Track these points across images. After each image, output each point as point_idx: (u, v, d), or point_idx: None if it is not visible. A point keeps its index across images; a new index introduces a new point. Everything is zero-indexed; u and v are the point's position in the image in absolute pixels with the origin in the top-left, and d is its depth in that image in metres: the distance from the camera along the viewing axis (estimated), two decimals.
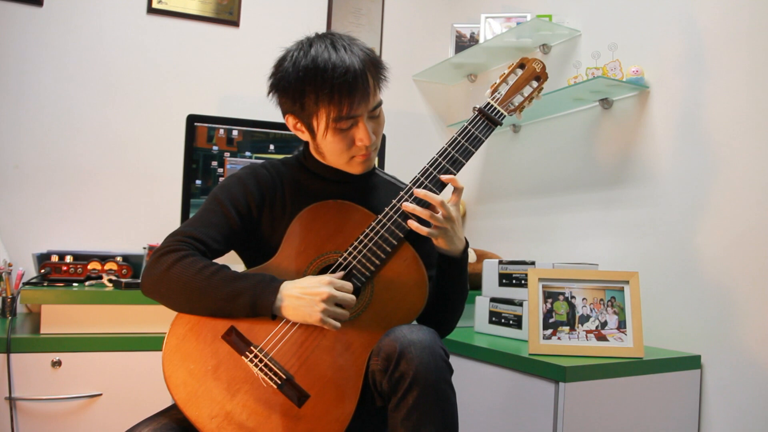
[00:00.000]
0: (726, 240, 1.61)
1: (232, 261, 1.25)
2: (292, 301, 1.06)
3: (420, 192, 1.13)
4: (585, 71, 1.89)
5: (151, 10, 2.32)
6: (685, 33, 1.75)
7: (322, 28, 2.57)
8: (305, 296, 1.06)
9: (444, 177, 1.16)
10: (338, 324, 1.07)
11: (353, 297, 1.09)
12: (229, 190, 1.21)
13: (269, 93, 1.20)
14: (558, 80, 2.10)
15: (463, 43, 2.49)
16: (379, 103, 1.18)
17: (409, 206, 1.13)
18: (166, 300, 1.11)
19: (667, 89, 1.79)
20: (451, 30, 2.53)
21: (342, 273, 1.13)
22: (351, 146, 1.17)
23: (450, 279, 1.23)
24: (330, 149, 1.18)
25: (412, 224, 1.13)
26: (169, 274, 1.08)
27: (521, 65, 1.26)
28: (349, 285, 1.10)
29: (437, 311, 1.25)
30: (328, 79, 1.10)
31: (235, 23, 2.44)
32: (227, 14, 2.43)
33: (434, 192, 1.15)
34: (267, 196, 1.23)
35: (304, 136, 1.21)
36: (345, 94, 1.10)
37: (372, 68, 1.14)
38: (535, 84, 1.25)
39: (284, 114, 1.20)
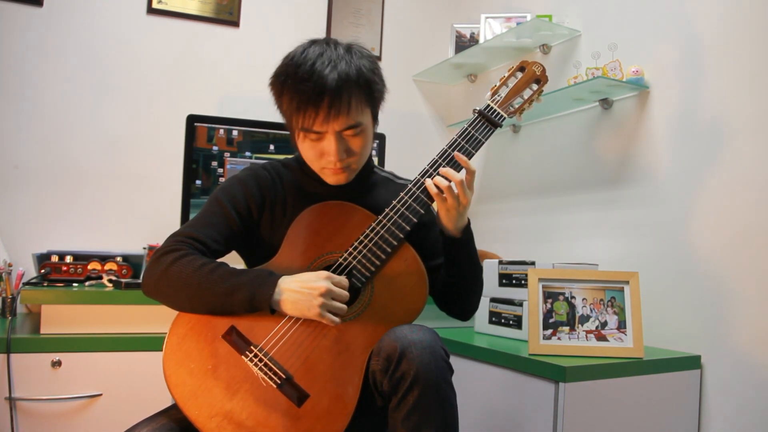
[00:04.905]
0: (726, 240, 1.61)
1: (234, 261, 1.25)
2: (291, 294, 1.07)
3: (443, 170, 1.16)
4: (585, 71, 1.89)
5: (151, 10, 2.31)
6: (685, 33, 1.75)
7: (322, 28, 2.57)
8: (303, 290, 1.07)
9: (459, 156, 1.17)
10: (337, 319, 1.07)
11: (347, 294, 1.09)
12: (230, 192, 1.22)
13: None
14: (558, 80, 2.10)
15: (463, 43, 2.49)
16: (356, 125, 1.14)
17: (443, 170, 1.16)
18: (167, 299, 1.12)
19: (667, 89, 1.79)
20: (451, 30, 2.53)
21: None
22: (319, 157, 1.17)
23: (457, 259, 1.24)
24: (304, 155, 1.21)
25: (428, 183, 1.15)
26: (169, 273, 1.09)
27: (521, 68, 1.27)
28: (345, 280, 1.10)
29: (454, 294, 1.27)
30: (299, 90, 1.10)
31: (235, 23, 2.44)
32: (227, 14, 2.43)
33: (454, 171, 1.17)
34: (267, 198, 1.24)
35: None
36: (311, 109, 1.10)
37: (355, 88, 1.11)
38: (535, 87, 1.26)
39: None
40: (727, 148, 1.62)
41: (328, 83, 1.09)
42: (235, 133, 2.09)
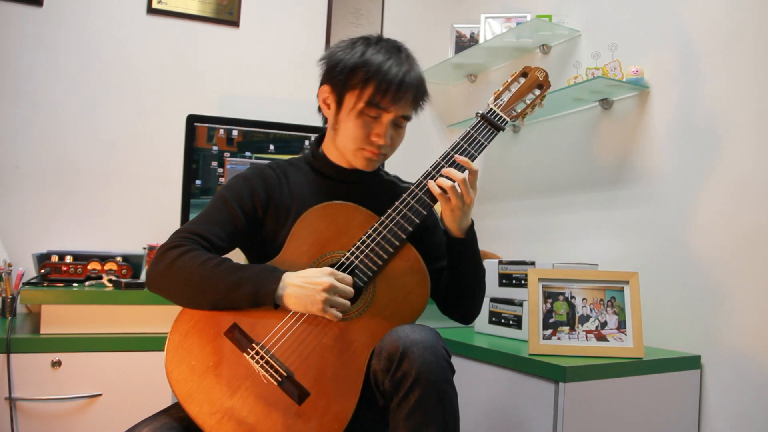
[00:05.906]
0: (726, 240, 1.61)
1: (236, 259, 1.25)
2: (294, 289, 1.08)
3: (446, 171, 1.18)
4: (585, 71, 1.89)
5: (151, 10, 2.32)
6: (685, 33, 1.75)
7: (322, 28, 2.57)
8: (307, 285, 1.08)
9: (459, 158, 1.18)
10: (340, 314, 1.09)
11: (351, 290, 1.10)
12: (235, 190, 1.23)
13: (324, 57, 1.25)
14: (558, 80, 2.10)
15: (463, 43, 2.49)
16: (408, 117, 1.23)
17: (445, 170, 1.18)
18: (171, 293, 1.12)
19: (667, 89, 1.79)
20: (451, 30, 2.53)
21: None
22: (366, 137, 1.19)
23: (460, 260, 1.24)
24: (347, 129, 1.21)
25: (431, 184, 1.17)
26: (173, 268, 1.10)
27: (524, 74, 1.28)
28: (349, 278, 1.11)
29: (457, 296, 1.28)
30: (386, 68, 1.17)
31: (235, 23, 2.44)
32: (227, 14, 2.43)
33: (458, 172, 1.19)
34: (272, 197, 1.25)
35: (329, 111, 1.24)
36: (392, 86, 1.17)
37: (420, 89, 1.23)
38: (537, 92, 1.28)
39: (322, 83, 1.25)
40: (726, 147, 1.63)
41: (411, 74, 1.20)
42: (235, 133, 2.09)
